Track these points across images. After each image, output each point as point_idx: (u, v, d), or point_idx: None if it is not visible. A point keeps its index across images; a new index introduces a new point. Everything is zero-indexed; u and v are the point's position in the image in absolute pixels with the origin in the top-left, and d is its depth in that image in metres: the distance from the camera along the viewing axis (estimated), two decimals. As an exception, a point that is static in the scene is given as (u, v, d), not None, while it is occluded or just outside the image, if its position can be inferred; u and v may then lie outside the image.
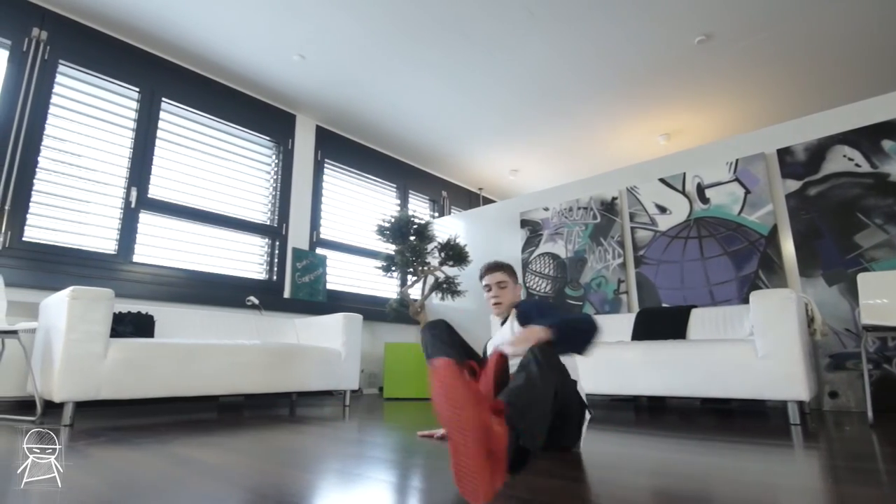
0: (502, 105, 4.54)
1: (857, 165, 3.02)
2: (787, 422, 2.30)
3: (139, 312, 2.84)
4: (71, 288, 2.17)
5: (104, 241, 3.25)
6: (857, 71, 4.06)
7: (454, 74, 4.07)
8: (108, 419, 2.35)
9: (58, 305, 2.23)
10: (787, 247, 3.20)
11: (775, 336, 2.33)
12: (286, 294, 4.18)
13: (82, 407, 2.75)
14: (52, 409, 2.61)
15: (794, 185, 3.21)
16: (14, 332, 2.23)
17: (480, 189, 6.53)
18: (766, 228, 3.27)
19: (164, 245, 3.54)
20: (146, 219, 3.46)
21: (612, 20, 3.46)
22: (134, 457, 1.46)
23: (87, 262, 3.12)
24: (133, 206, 3.37)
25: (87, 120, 3.30)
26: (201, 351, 2.54)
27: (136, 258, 3.35)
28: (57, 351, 2.13)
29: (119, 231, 3.30)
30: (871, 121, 3.03)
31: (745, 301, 3.21)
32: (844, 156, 3.07)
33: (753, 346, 2.40)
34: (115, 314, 2.69)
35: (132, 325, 2.70)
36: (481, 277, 1.97)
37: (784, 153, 3.28)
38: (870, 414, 2.26)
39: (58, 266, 2.99)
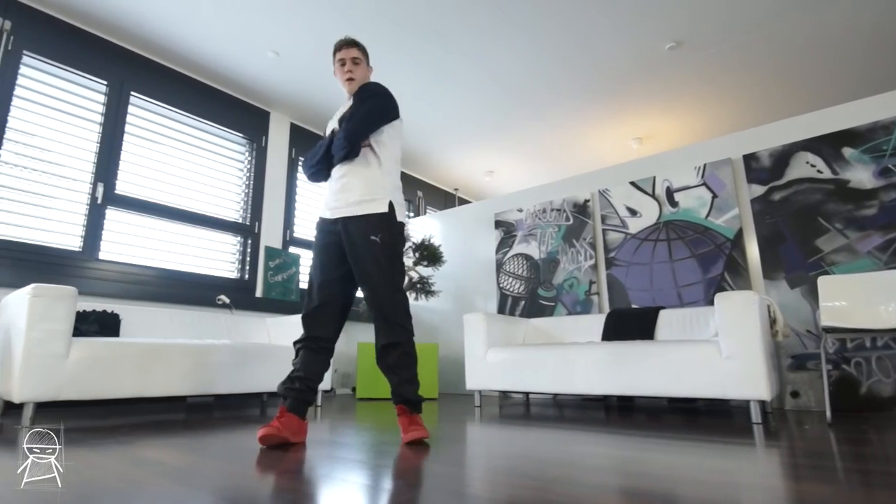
0: (477, 106, 4.56)
1: (818, 172, 3.10)
2: (750, 421, 2.36)
3: (104, 311, 2.78)
4: (32, 285, 2.11)
5: (69, 237, 3.16)
6: (820, 80, 4.21)
7: (430, 74, 4.08)
8: (69, 420, 2.29)
9: (18, 303, 2.16)
10: (752, 250, 3.29)
11: (738, 337, 2.38)
12: (258, 293, 4.13)
13: (43, 408, 2.67)
14: (12, 409, 2.53)
15: (759, 189, 3.30)
16: (-30, 331, 2.16)
17: (456, 189, 6.55)
18: (731, 232, 3.35)
19: (131, 242, 3.46)
20: (113, 215, 3.38)
21: (585, 24, 3.52)
22: (93, 458, 1.43)
23: (50, 259, 3.03)
24: (99, 202, 3.29)
25: (52, 113, 3.20)
26: (168, 350, 2.49)
27: (101, 255, 3.26)
28: (17, 350, 2.07)
29: (84, 227, 3.22)
30: (832, 129, 3.11)
31: (712, 303, 3.30)
32: (807, 162, 3.15)
33: (718, 347, 2.45)
34: (78, 313, 2.63)
35: (97, 324, 2.63)
36: (336, 52, 1.97)
37: (750, 159, 3.37)
38: (828, 413, 2.31)
39: (20, 263, 2.90)
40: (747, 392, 2.34)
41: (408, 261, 4.56)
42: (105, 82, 3.47)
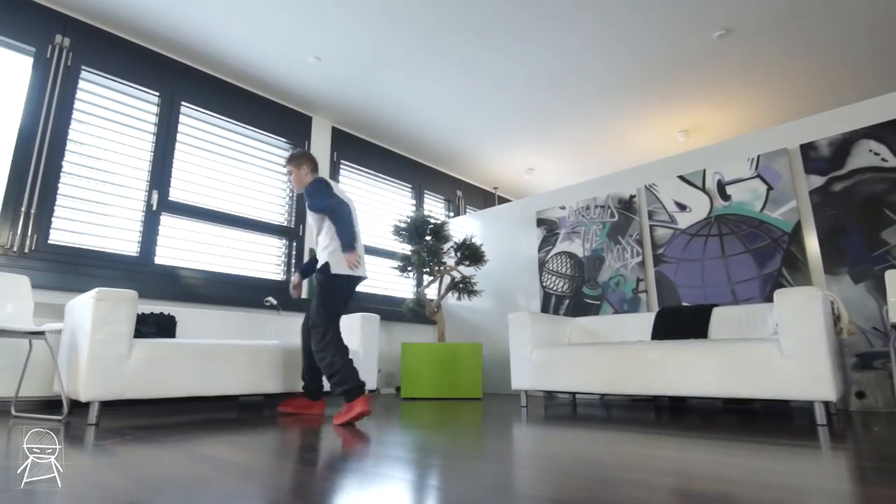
0: (517, 103, 4.52)
1: (883, 160, 2.94)
2: (814, 422, 2.25)
3: (161, 313, 2.89)
4: (96, 289, 2.21)
5: (127, 243, 3.31)
6: (882, 64, 3.97)
7: (469, 74, 4.06)
8: (132, 418, 2.39)
9: (83, 307, 2.27)
10: (812, 244, 3.13)
11: (801, 335, 2.27)
12: (303, 294, 4.21)
13: (107, 406, 2.80)
14: (78, 408, 2.67)
15: (818, 180, 3.14)
16: (41, 333, 2.28)
17: (496, 188, 6.51)
18: (789, 225, 3.20)
19: (184, 247, 3.59)
20: (167, 221, 3.51)
21: (628, 16, 3.43)
22: (160, 455, 1.48)
23: (110, 265, 3.17)
24: (154, 208, 3.43)
25: (109, 125, 3.36)
26: (222, 351, 2.57)
27: (157, 260, 3.40)
28: (82, 351, 2.17)
29: (141, 233, 3.36)
30: (897, 114, 2.94)
31: (769, 299, 3.16)
32: (870, 150, 2.99)
33: (778, 346, 2.34)
34: (138, 315, 2.74)
35: (155, 326, 2.74)
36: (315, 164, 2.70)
37: (807, 148, 3.21)
38: (900, 414, 2.20)
39: (82, 268, 3.05)
40: (811, 392, 2.23)
41: (449, 260, 4.56)
42: (157, 94, 3.61)
